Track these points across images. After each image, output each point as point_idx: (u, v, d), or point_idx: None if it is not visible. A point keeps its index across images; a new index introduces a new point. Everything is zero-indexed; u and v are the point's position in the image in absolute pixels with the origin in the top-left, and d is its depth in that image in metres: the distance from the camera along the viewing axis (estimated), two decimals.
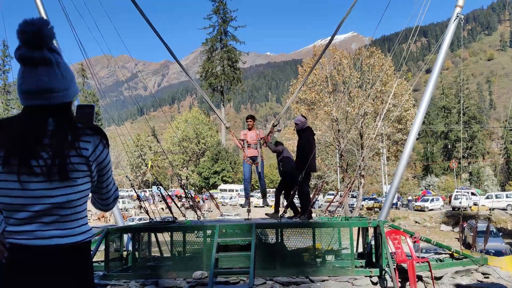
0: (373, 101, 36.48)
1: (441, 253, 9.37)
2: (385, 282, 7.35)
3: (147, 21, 8.80)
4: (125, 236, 9.54)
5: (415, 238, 8.21)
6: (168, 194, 10.76)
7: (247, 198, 9.85)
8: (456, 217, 35.55)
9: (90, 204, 2.16)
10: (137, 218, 33.29)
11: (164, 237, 9.45)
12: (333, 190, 52.61)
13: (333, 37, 10.29)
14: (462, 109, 76.21)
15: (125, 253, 9.06)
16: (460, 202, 36.74)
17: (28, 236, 1.75)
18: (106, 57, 11.68)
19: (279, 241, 8.24)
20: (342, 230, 8.72)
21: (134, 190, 11.32)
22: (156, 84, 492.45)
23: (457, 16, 9.20)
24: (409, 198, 50.62)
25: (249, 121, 9.46)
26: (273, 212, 9.50)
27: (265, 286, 7.05)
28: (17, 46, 1.79)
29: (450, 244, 12.82)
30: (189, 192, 11.12)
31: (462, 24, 9.38)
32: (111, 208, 2.16)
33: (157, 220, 9.67)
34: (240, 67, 71.47)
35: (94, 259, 8.05)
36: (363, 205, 43.42)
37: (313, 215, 9.68)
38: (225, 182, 62.70)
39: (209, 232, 8.14)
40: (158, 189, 10.05)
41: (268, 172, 74.49)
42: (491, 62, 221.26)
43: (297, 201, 9.25)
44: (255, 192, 46.18)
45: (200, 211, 11.78)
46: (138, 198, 10.85)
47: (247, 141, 9.30)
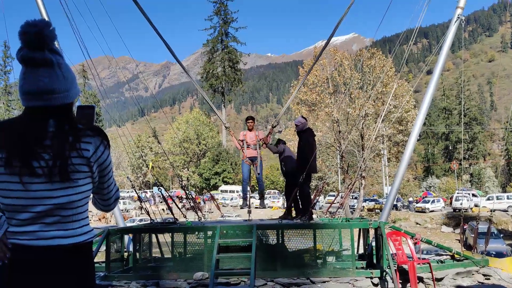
0: (374, 102, 36.49)
1: (442, 255, 9.37)
2: (386, 284, 7.35)
3: (149, 22, 8.81)
4: (126, 237, 9.57)
5: (416, 240, 8.20)
6: (169, 195, 10.78)
7: (245, 199, 9.83)
8: (457, 219, 35.51)
9: (91, 205, 2.16)
10: (138, 219, 33.23)
11: (165, 238, 9.46)
12: (334, 191, 52.56)
13: (332, 36, 10.23)
14: (463, 111, 76.16)
15: (126, 254, 9.08)
16: (461, 204, 36.64)
17: (30, 237, 1.76)
18: (107, 58, 11.70)
19: (280, 242, 8.24)
20: (343, 231, 8.73)
21: (135, 191, 11.34)
22: (157, 85, 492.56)
23: (458, 18, 9.21)
24: (410, 200, 50.57)
25: (250, 122, 9.45)
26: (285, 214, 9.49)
27: (266, 287, 7.05)
28: (19, 47, 1.80)
29: (451, 246, 12.81)
30: (190, 193, 11.13)
31: (463, 26, 9.38)
32: (112, 209, 2.16)
33: (158, 221, 9.68)
34: (241, 68, 71.54)
35: (95, 260, 8.05)
36: (364, 207, 43.35)
37: (314, 216, 9.68)
38: (226, 183, 62.67)
39: (210, 233, 8.15)
40: (159, 190, 10.07)
41: (269, 173, 74.57)
42: (492, 64, 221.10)
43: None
44: (256, 193, 46.04)
45: (201, 212, 11.80)
46: (139, 199, 10.88)
47: (247, 142, 9.30)
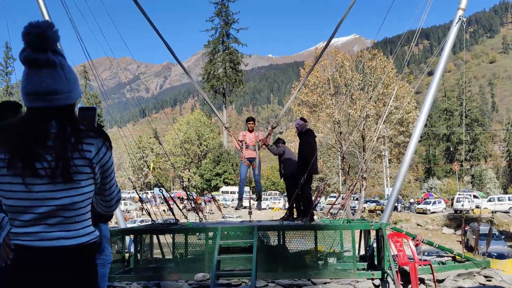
0: (375, 104, 36.50)
1: (443, 256, 9.36)
2: (387, 285, 7.34)
3: (150, 23, 8.81)
4: (127, 238, 9.57)
5: (417, 241, 8.20)
6: (170, 196, 10.77)
7: (240, 200, 9.82)
8: (458, 220, 35.47)
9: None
10: (139, 220, 33.24)
11: (166, 239, 9.45)
12: (335, 193, 52.55)
13: (333, 36, 10.19)
14: (464, 112, 76.04)
15: (127, 255, 9.07)
16: (462, 205, 36.62)
17: (33, 238, 1.76)
18: (109, 59, 11.70)
19: (281, 243, 8.24)
20: (344, 233, 8.71)
21: (136, 192, 11.35)
22: (158, 86, 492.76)
23: (460, 19, 9.20)
24: (411, 201, 50.52)
25: (251, 123, 9.40)
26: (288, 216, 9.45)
27: None
28: (22, 48, 1.80)
29: (452, 247, 12.81)
30: (191, 194, 11.13)
31: (465, 27, 9.38)
32: (114, 210, 2.16)
33: (159, 222, 9.69)
34: (242, 69, 71.57)
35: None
36: (365, 208, 43.35)
37: (315, 218, 9.68)
38: (227, 184, 62.69)
39: (211, 234, 8.15)
40: (160, 191, 10.07)
41: (270, 174, 74.55)
42: (493, 65, 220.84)
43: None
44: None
45: (202, 213, 11.80)
46: (140, 200, 10.88)
47: (246, 143, 9.23)
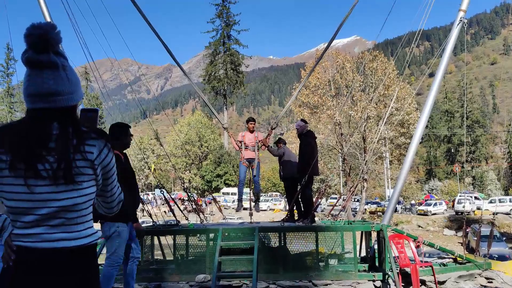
0: (376, 105, 36.49)
1: (445, 258, 9.35)
2: (388, 287, 7.33)
3: (149, 25, 8.82)
4: None
5: (418, 243, 8.19)
6: (171, 197, 10.77)
7: (240, 201, 9.75)
8: (460, 222, 35.42)
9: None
10: (140, 221, 33.24)
11: (167, 240, 9.45)
12: (336, 194, 52.51)
13: (334, 38, 10.14)
14: (465, 113, 75.95)
15: None
16: (464, 207, 36.55)
17: (35, 239, 1.76)
18: (110, 60, 11.70)
19: (282, 245, 8.23)
20: (345, 234, 8.70)
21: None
22: (159, 87, 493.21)
23: (461, 20, 9.19)
24: (412, 202, 50.47)
25: (252, 123, 9.32)
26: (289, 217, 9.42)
27: None
28: (24, 50, 1.81)
29: (454, 249, 12.80)
30: (192, 195, 11.12)
31: (466, 28, 9.37)
32: (115, 212, 2.16)
33: (160, 223, 9.68)
34: (243, 71, 71.53)
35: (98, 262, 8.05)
36: (366, 209, 43.31)
37: (316, 219, 9.66)
38: (228, 186, 62.63)
39: (212, 236, 8.14)
40: (161, 192, 10.07)
41: (271, 176, 74.49)
42: (495, 66, 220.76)
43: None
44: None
45: (203, 214, 11.79)
46: (141, 201, 10.87)
47: (245, 143, 9.15)
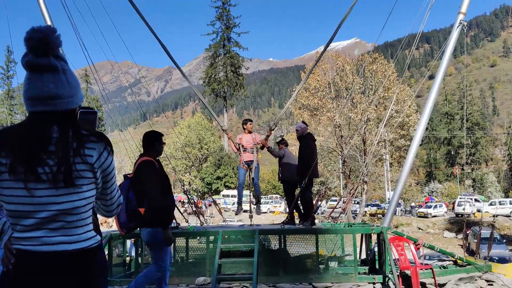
0: (376, 107, 36.50)
1: (445, 260, 9.33)
2: None
3: (150, 28, 8.82)
4: (128, 242, 9.55)
5: (418, 245, 8.18)
6: None
7: (240, 204, 9.64)
8: (460, 224, 35.42)
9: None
10: None
11: None
12: (336, 196, 52.47)
13: (333, 37, 9.95)
14: (465, 115, 76.03)
15: (128, 259, 9.06)
16: (464, 209, 36.57)
17: (35, 243, 1.76)
18: (110, 63, 11.72)
19: (282, 247, 8.22)
20: (345, 237, 8.70)
21: None
22: (159, 90, 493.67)
23: (460, 23, 9.20)
24: (412, 205, 50.46)
25: (251, 124, 9.19)
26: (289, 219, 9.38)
27: None
28: (24, 53, 1.81)
29: (454, 251, 12.77)
30: (192, 198, 11.09)
31: (465, 31, 9.37)
32: (115, 214, 2.16)
33: None
34: (243, 73, 71.59)
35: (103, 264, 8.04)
36: (366, 211, 43.28)
37: (316, 221, 9.65)
38: (228, 188, 62.61)
39: (212, 238, 8.13)
40: None
41: (271, 178, 74.44)
42: (494, 68, 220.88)
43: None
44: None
45: (203, 217, 11.78)
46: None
47: (243, 146, 9.00)
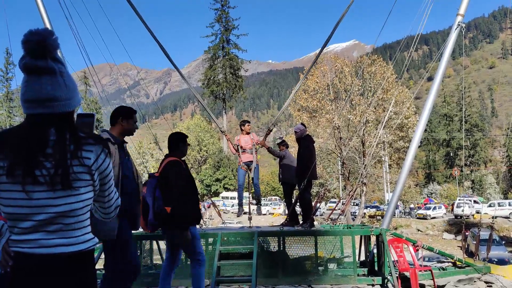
0: (375, 109, 36.54)
1: (444, 262, 9.33)
2: None
3: (149, 30, 8.83)
4: None
5: (417, 247, 8.17)
6: None
7: (241, 206, 9.63)
8: (459, 225, 35.45)
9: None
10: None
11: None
12: (335, 198, 52.46)
13: (330, 37, 9.79)
14: (464, 117, 76.12)
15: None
16: (463, 210, 36.56)
17: (33, 245, 1.76)
18: (109, 65, 11.72)
19: (281, 249, 8.21)
20: (344, 238, 8.68)
21: None
22: (158, 92, 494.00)
23: (459, 25, 9.21)
24: (411, 206, 50.47)
25: (248, 125, 9.13)
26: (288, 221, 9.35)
27: None
28: (22, 56, 1.81)
29: (453, 253, 12.79)
30: None
31: (464, 32, 9.38)
32: (113, 217, 2.15)
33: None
34: (242, 75, 71.61)
35: (96, 267, 8.01)
36: (365, 213, 43.28)
37: (315, 223, 9.64)
38: (227, 190, 62.60)
39: (211, 240, 8.12)
40: None
41: (270, 180, 74.42)
42: (493, 70, 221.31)
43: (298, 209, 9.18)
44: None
45: (202, 219, 11.76)
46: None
47: (241, 147, 8.96)
